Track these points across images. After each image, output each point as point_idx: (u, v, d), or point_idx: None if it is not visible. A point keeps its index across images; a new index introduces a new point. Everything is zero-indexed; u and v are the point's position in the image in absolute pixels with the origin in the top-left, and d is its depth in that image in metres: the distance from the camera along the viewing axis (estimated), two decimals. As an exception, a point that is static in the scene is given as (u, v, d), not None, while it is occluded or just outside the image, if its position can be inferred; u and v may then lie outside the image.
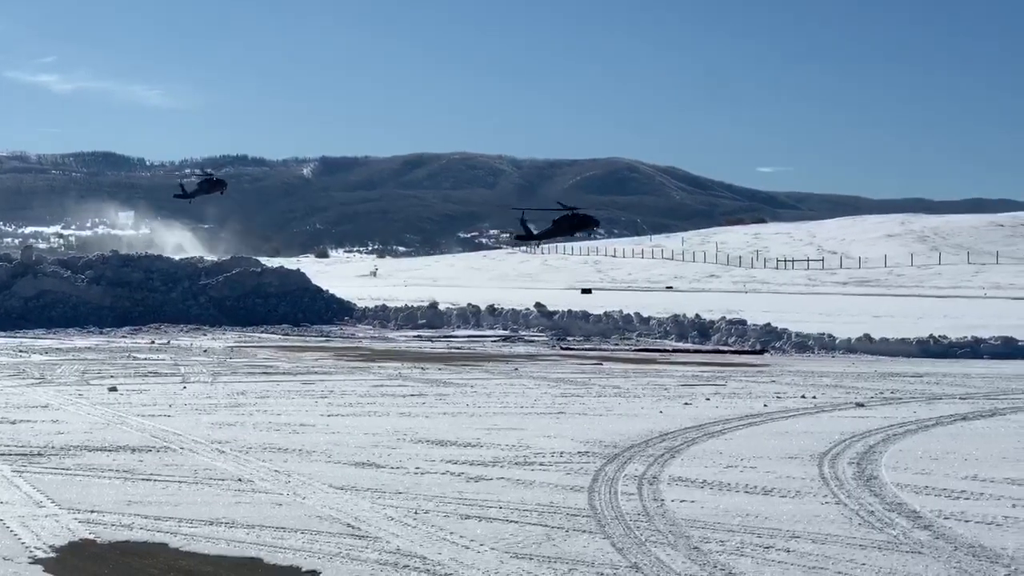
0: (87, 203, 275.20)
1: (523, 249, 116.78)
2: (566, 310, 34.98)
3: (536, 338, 31.30)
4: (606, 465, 10.94)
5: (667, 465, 10.96)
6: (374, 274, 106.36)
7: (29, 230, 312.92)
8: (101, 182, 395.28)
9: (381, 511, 8.90)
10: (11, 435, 12.49)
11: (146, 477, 10.21)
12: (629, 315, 33.26)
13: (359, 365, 22.24)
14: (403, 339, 30.98)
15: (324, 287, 41.06)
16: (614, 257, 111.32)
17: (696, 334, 30.29)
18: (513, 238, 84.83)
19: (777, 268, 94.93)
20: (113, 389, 17.06)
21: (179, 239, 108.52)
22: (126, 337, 30.45)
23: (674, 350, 27.59)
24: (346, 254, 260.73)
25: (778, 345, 27.82)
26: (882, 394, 17.60)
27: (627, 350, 27.58)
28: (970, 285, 73.41)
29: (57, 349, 25.83)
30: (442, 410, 15.08)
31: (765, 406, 15.79)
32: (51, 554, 7.69)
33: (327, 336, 32.00)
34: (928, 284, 75.95)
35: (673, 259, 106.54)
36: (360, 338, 31.38)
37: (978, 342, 26.30)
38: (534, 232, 65.27)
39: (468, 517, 8.72)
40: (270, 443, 12.11)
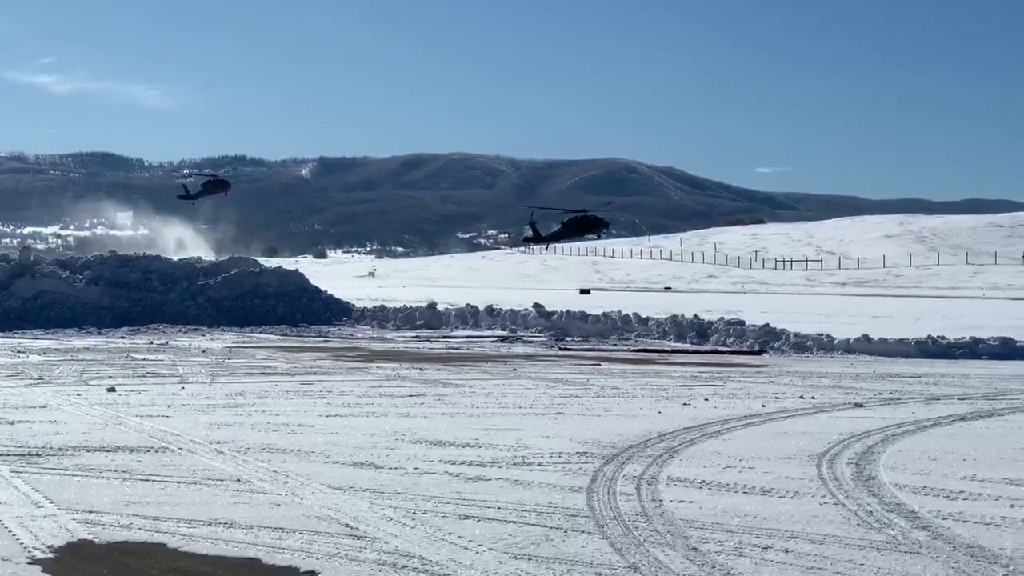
0: (85, 203, 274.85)
1: (521, 250, 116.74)
2: (564, 310, 34.98)
3: (535, 339, 31.31)
4: (604, 465, 10.94)
5: (665, 465, 10.96)
6: (372, 274, 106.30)
7: (27, 230, 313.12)
8: (99, 182, 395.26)
9: (379, 511, 8.90)
10: (9, 435, 12.49)
11: (144, 477, 10.20)
12: (628, 315, 33.27)
13: (357, 366, 22.24)
14: (401, 339, 30.98)
15: (322, 287, 41.05)
16: (612, 258, 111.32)
17: (695, 334, 30.30)
18: (521, 240, 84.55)
19: (776, 269, 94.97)
20: (111, 390, 17.06)
21: (180, 234, 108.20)
22: (124, 337, 30.44)
23: (672, 350, 27.60)
24: (344, 254, 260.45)
25: (776, 346, 27.83)
26: (880, 395, 17.60)
27: (625, 350, 27.58)
28: (968, 286, 73.46)
29: (55, 349, 25.82)
30: (440, 410, 15.07)
31: (763, 407, 15.79)
32: (49, 554, 7.68)
33: (325, 336, 31.99)
34: (926, 285, 76.00)
35: (672, 259, 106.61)
36: (358, 338, 31.39)
37: (976, 343, 26.31)
38: (542, 234, 64.85)
39: (466, 517, 8.72)
40: (268, 443, 12.11)
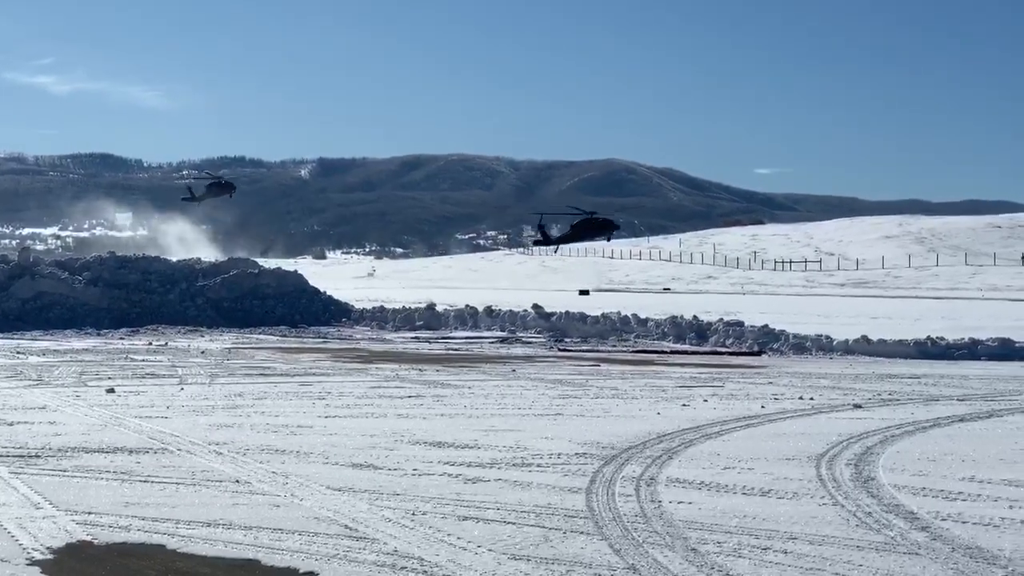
0: (84, 204, 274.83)
1: (520, 251, 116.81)
2: (564, 311, 34.98)
3: (534, 340, 31.31)
4: (604, 466, 10.94)
5: (665, 466, 10.96)
6: (372, 275, 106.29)
7: (26, 231, 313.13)
8: (99, 183, 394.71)
9: (379, 512, 8.90)
10: (8, 437, 12.49)
11: (143, 479, 10.20)
12: (627, 316, 33.27)
13: (357, 366, 22.23)
14: (401, 340, 30.98)
15: (322, 288, 41.05)
16: (612, 258, 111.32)
17: (694, 335, 30.30)
18: (524, 241, 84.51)
19: (775, 269, 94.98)
20: (111, 391, 17.06)
21: (180, 230, 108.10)
22: (123, 339, 30.42)
23: (672, 351, 27.60)
24: (344, 255, 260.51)
25: (776, 346, 27.83)
26: (880, 395, 17.61)
27: (625, 351, 27.58)
28: (968, 286, 73.46)
29: (54, 351, 25.81)
30: (440, 411, 15.07)
31: (763, 407, 15.79)
32: (48, 556, 7.68)
33: (325, 337, 31.97)
34: (926, 285, 75.99)
35: (671, 260, 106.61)
36: (358, 339, 31.38)
37: (975, 343, 26.32)
38: (552, 237, 64.65)
39: (466, 518, 8.72)
40: (268, 444, 12.10)
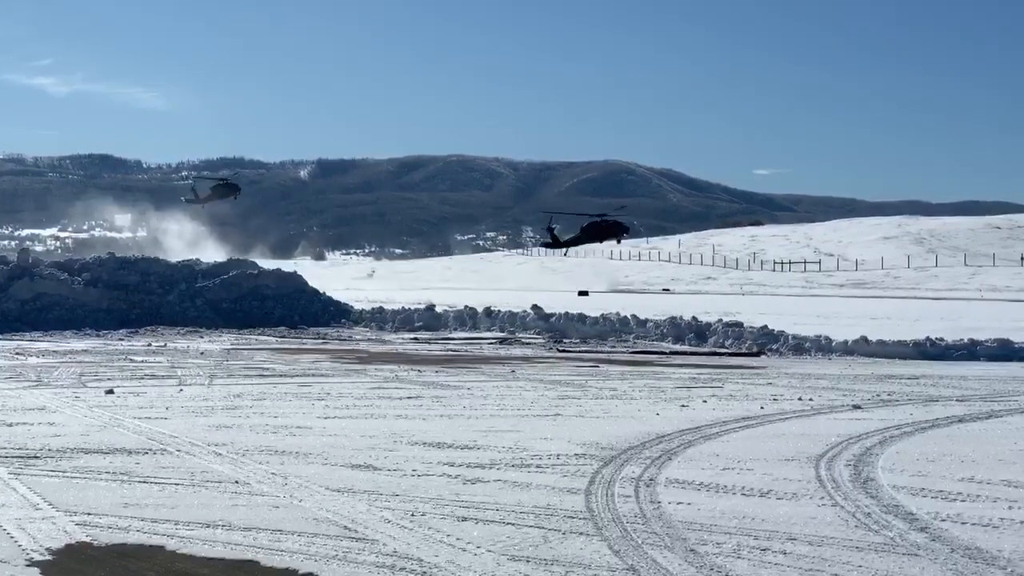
0: (84, 205, 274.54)
1: (520, 251, 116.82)
2: (563, 312, 34.98)
3: (533, 340, 31.32)
4: (603, 467, 10.94)
5: (664, 467, 10.96)
6: (371, 276, 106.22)
7: (26, 232, 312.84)
8: (98, 184, 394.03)
9: (378, 513, 8.90)
10: (8, 437, 12.49)
11: (143, 479, 10.20)
12: (626, 317, 33.27)
13: (356, 367, 22.23)
14: (400, 341, 30.98)
15: (321, 289, 41.04)
16: (611, 259, 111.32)
17: (693, 336, 30.30)
18: (534, 245, 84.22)
19: (774, 270, 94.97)
20: (110, 392, 17.06)
21: (180, 231, 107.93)
22: (123, 340, 30.42)
23: (671, 352, 27.60)
24: (343, 256, 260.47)
25: (775, 347, 27.83)
26: (879, 396, 17.61)
27: (624, 352, 27.58)
28: (967, 287, 73.48)
29: (54, 352, 25.80)
30: (439, 412, 15.07)
31: (762, 408, 15.80)
32: (47, 557, 7.68)
33: (324, 338, 31.97)
34: (925, 286, 76.01)
35: (670, 261, 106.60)
36: (357, 340, 31.38)
37: (975, 344, 26.33)
38: (560, 239, 64.29)
39: (465, 519, 8.72)
40: (267, 445, 12.10)
